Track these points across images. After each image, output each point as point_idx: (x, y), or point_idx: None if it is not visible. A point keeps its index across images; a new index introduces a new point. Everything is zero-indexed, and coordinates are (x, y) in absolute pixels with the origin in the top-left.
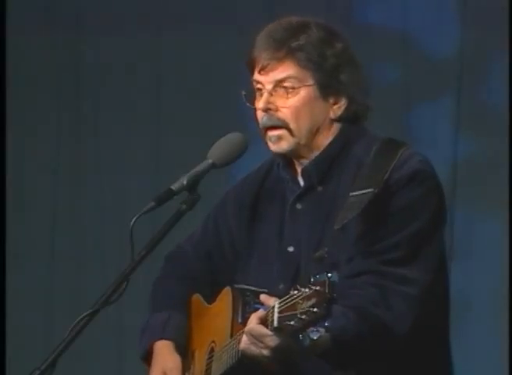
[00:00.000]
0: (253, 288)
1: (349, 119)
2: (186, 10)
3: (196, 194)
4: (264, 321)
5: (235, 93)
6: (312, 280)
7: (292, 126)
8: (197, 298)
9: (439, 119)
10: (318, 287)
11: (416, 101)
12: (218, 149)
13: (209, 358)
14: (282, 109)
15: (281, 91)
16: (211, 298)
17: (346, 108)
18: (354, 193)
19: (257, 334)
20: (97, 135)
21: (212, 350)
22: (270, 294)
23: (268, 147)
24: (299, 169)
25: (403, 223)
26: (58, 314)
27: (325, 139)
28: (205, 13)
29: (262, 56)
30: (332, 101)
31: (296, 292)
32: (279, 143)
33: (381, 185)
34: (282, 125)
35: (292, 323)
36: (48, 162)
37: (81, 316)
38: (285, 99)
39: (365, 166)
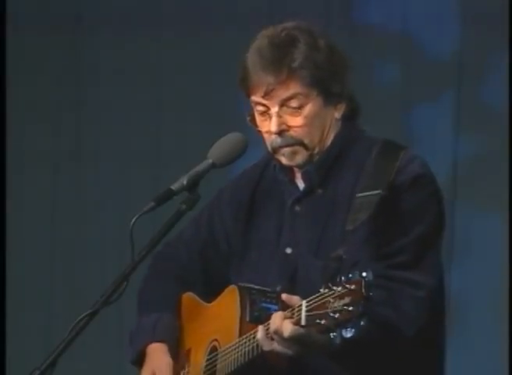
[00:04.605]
0: (258, 287)
1: (348, 117)
2: (186, 10)
3: (196, 194)
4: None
5: (234, 93)
6: (343, 279)
7: (306, 141)
8: (190, 296)
9: (438, 119)
10: (353, 286)
11: (416, 101)
12: (218, 149)
13: (211, 357)
14: (294, 128)
15: (288, 110)
16: (206, 296)
17: (347, 107)
18: (361, 194)
19: (283, 332)
20: (97, 135)
21: (214, 348)
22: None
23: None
24: (297, 172)
25: (407, 226)
26: (58, 314)
27: (327, 140)
28: (205, 13)
29: (263, 81)
30: (334, 103)
31: (326, 291)
32: (294, 158)
33: (387, 187)
34: (297, 143)
35: (323, 321)
36: (47, 162)
37: (81, 316)
38: (294, 118)
39: (367, 166)
